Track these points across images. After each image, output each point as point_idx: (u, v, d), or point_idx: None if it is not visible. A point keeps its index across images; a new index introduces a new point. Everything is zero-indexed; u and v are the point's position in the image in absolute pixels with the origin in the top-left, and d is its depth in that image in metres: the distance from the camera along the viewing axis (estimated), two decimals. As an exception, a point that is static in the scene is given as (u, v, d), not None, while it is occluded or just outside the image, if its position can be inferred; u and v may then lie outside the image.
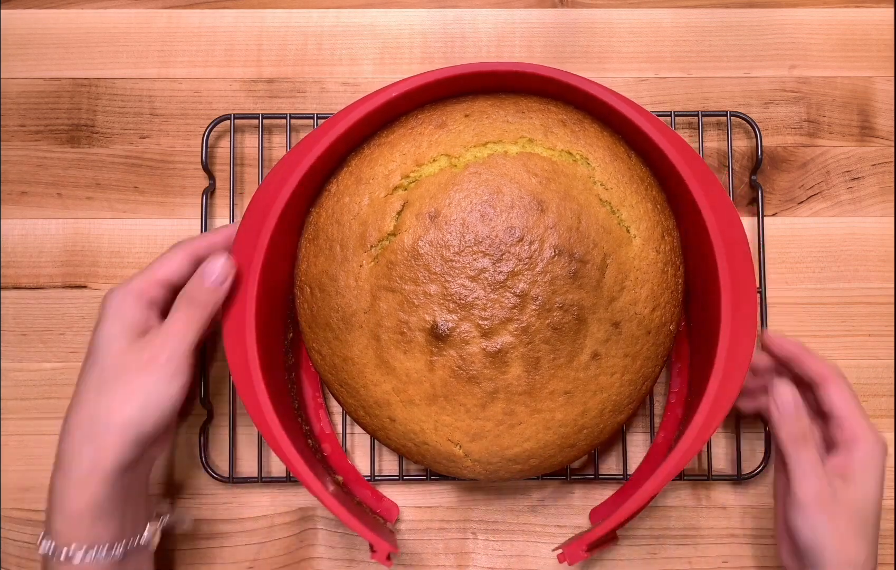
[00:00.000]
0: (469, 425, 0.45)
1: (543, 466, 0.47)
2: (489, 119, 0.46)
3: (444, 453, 0.46)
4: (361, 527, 0.44)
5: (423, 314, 0.44)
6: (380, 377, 0.46)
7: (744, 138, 0.57)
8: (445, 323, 0.44)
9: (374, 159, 0.46)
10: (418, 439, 0.46)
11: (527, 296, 0.44)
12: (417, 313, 0.45)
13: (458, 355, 0.44)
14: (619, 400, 0.47)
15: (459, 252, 0.44)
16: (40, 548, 0.42)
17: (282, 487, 0.55)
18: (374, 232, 0.45)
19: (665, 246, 0.47)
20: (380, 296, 0.45)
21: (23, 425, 0.55)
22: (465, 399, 0.45)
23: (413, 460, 0.48)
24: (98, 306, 0.45)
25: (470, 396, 0.45)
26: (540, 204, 0.44)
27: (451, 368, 0.45)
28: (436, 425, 0.46)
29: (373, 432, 0.48)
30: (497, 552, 0.55)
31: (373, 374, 0.46)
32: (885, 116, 0.57)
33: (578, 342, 0.45)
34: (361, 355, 0.46)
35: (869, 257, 0.56)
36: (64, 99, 0.57)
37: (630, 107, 0.46)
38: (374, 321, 0.45)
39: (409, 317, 0.45)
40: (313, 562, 0.54)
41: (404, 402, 0.46)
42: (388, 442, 0.48)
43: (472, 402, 0.45)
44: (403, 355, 0.45)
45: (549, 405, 0.45)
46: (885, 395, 0.55)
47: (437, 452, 0.46)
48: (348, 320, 0.46)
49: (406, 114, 0.47)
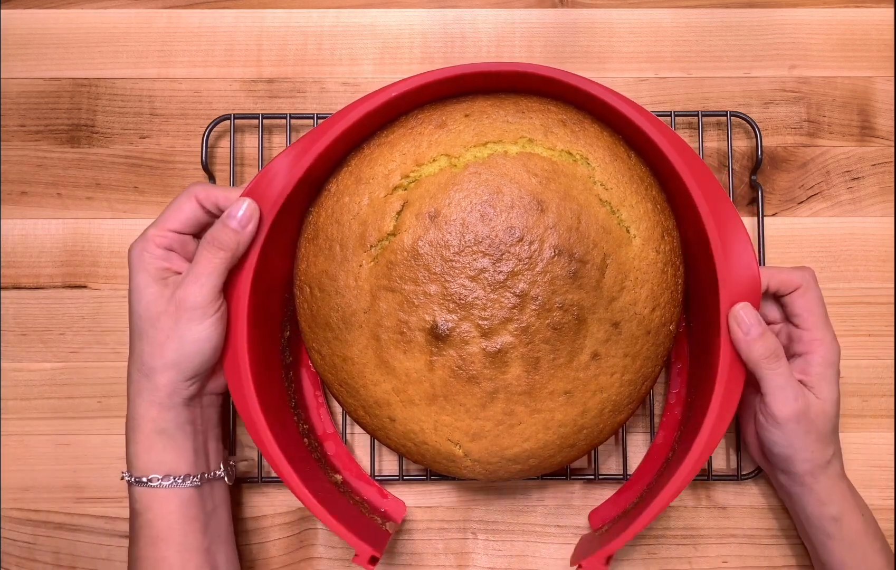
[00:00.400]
0: (469, 425, 0.45)
1: (543, 466, 0.47)
2: (489, 119, 0.46)
3: (443, 453, 0.46)
4: (340, 527, 0.44)
5: (423, 314, 0.44)
6: (379, 377, 0.46)
7: (744, 138, 0.57)
8: (445, 323, 0.44)
9: (373, 159, 0.46)
10: (418, 438, 0.46)
11: (526, 296, 0.44)
12: (417, 313, 0.45)
13: (458, 354, 0.44)
14: (619, 400, 0.47)
15: (459, 252, 0.44)
16: (124, 477, 0.46)
17: (282, 487, 0.55)
18: (373, 232, 0.45)
19: (665, 246, 0.47)
20: (379, 296, 0.45)
21: (23, 425, 0.55)
22: (464, 399, 0.45)
23: (413, 459, 0.48)
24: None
25: (470, 396, 0.45)
26: (540, 204, 0.44)
27: (450, 368, 0.45)
28: (435, 424, 0.46)
29: (373, 432, 0.48)
30: (497, 552, 0.55)
31: (372, 374, 0.46)
32: (885, 116, 0.57)
33: (578, 342, 0.45)
34: (361, 355, 0.46)
35: (869, 257, 0.56)
36: (64, 99, 0.57)
37: (630, 106, 0.46)
38: (374, 321, 0.45)
39: (408, 317, 0.45)
40: (313, 562, 0.54)
41: (404, 402, 0.46)
42: (388, 442, 0.48)
43: (471, 402, 0.45)
44: (403, 355, 0.45)
45: (548, 405, 0.45)
46: (885, 395, 0.55)
47: (437, 452, 0.46)
48: (348, 319, 0.46)
49: (406, 114, 0.47)
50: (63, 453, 0.55)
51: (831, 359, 0.47)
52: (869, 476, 0.55)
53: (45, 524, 0.54)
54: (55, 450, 0.55)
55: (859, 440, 0.55)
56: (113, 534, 0.54)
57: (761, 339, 0.44)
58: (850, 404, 0.55)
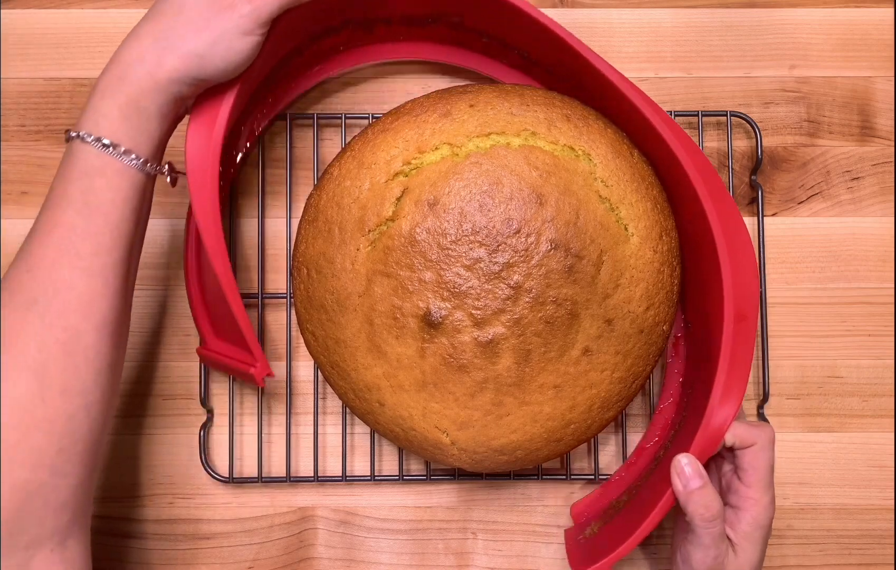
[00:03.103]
0: (457, 414, 0.46)
1: (530, 458, 0.47)
2: (493, 110, 0.46)
3: (430, 440, 0.47)
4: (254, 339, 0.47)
5: (417, 301, 0.45)
6: (371, 361, 0.46)
7: (744, 138, 0.57)
8: (438, 311, 0.44)
9: (377, 145, 0.46)
10: (406, 424, 0.47)
11: (521, 288, 0.44)
12: (411, 300, 0.45)
13: (450, 343, 0.45)
14: (609, 397, 0.47)
15: (456, 241, 0.44)
16: (80, 135, 0.42)
17: (282, 487, 0.55)
18: (372, 216, 0.45)
19: (663, 246, 0.47)
20: (375, 280, 0.45)
21: (23, 425, 0.55)
22: (454, 388, 0.45)
23: (400, 445, 0.48)
24: None
25: (459, 384, 0.45)
26: (539, 197, 0.45)
27: (441, 355, 0.45)
28: (424, 411, 0.46)
29: (362, 415, 0.48)
30: (497, 552, 0.55)
31: (364, 357, 0.46)
32: (885, 116, 0.57)
33: (570, 337, 0.45)
34: (354, 338, 0.46)
35: (869, 257, 0.56)
36: (64, 99, 0.57)
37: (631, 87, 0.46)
38: (368, 305, 0.45)
39: (402, 303, 0.45)
40: (313, 562, 0.54)
41: (394, 387, 0.46)
42: (377, 426, 0.48)
43: (461, 391, 0.45)
44: (395, 341, 0.45)
45: (537, 398, 0.46)
46: (886, 395, 0.55)
47: (424, 439, 0.47)
48: (343, 302, 0.46)
49: (412, 101, 0.48)
50: (63, 453, 0.55)
51: (762, 522, 0.45)
52: (869, 476, 0.55)
53: (44, 524, 0.54)
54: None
55: (859, 440, 0.55)
56: (113, 534, 0.54)
57: (700, 492, 0.44)
58: (850, 404, 0.55)
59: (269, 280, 0.56)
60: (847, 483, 0.55)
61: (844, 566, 0.54)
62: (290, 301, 0.54)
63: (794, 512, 0.55)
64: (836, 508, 0.55)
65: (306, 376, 0.55)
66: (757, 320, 0.46)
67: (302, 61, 0.53)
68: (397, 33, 0.54)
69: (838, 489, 0.55)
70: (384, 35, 0.54)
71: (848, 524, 0.55)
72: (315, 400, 0.54)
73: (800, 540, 0.55)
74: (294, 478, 0.54)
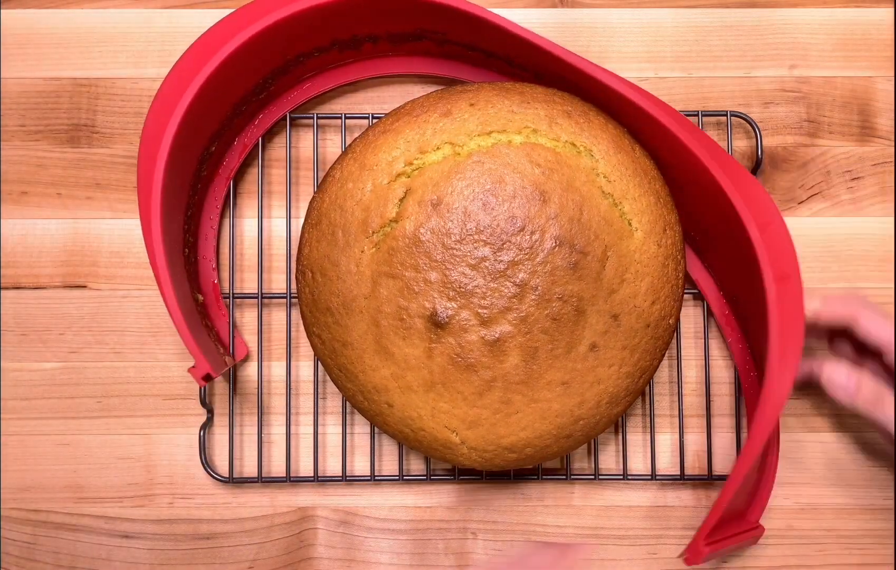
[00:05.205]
0: (466, 413, 0.46)
1: (539, 455, 0.47)
2: (494, 109, 0.46)
3: (440, 440, 0.47)
4: (190, 339, 0.46)
5: (423, 301, 0.45)
6: (378, 363, 0.46)
7: (744, 138, 0.57)
8: (445, 311, 0.44)
9: (378, 146, 0.46)
10: (415, 425, 0.46)
11: (526, 286, 0.44)
12: (417, 300, 0.45)
13: (457, 342, 0.45)
14: (616, 392, 0.47)
15: (460, 240, 0.44)
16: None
17: (282, 487, 0.55)
18: (376, 218, 0.45)
19: (666, 240, 0.47)
20: (380, 282, 0.45)
21: (23, 425, 0.55)
22: (462, 387, 0.45)
23: (410, 446, 0.48)
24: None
25: (467, 384, 0.45)
26: (542, 194, 0.45)
27: (449, 355, 0.45)
28: (433, 411, 0.46)
29: (371, 417, 0.48)
30: (497, 552, 0.55)
31: (371, 359, 0.46)
32: (885, 116, 0.57)
33: (577, 333, 0.45)
34: (360, 341, 0.46)
35: (869, 257, 0.56)
36: (64, 99, 0.57)
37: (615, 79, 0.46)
38: (374, 307, 0.45)
39: (408, 303, 0.45)
40: (313, 562, 0.54)
41: (402, 388, 0.46)
42: (386, 428, 0.48)
43: (469, 390, 0.45)
44: (402, 342, 0.45)
45: (545, 395, 0.46)
46: (886, 395, 0.55)
47: (434, 439, 0.47)
48: (348, 305, 0.46)
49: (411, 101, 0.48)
50: (63, 453, 0.55)
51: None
52: (869, 476, 0.55)
53: (45, 524, 0.54)
54: (55, 450, 0.55)
55: (860, 440, 0.55)
56: (113, 534, 0.54)
57: (859, 393, 0.47)
58: (850, 403, 0.55)
59: (269, 280, 0.56)
60: (847, 483, 0.55)
61: (844, 566, 0.54)
62: (290, 301, 0.54)
63: (794, 512, 0.55)
64: (836, 508, 0.55)
65: (306, 376, 0.55)
66: (800, 277, 0.46)
67: (292, 78, 0.54)
68: (384, 50, 0.54)
69: (838, 488, 0.55)
70: (371, 52, 0.54)
71: (848, 524, 0.55)
72: (315, 400, 0.54)
73: (800, 540, 0.54)
74: (294, 478, 0.54)
